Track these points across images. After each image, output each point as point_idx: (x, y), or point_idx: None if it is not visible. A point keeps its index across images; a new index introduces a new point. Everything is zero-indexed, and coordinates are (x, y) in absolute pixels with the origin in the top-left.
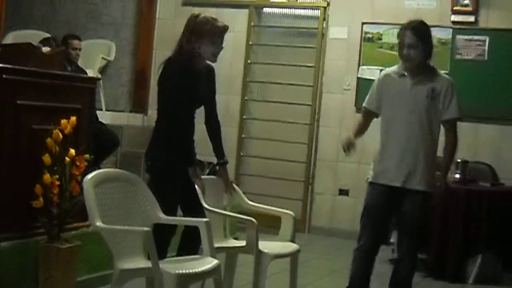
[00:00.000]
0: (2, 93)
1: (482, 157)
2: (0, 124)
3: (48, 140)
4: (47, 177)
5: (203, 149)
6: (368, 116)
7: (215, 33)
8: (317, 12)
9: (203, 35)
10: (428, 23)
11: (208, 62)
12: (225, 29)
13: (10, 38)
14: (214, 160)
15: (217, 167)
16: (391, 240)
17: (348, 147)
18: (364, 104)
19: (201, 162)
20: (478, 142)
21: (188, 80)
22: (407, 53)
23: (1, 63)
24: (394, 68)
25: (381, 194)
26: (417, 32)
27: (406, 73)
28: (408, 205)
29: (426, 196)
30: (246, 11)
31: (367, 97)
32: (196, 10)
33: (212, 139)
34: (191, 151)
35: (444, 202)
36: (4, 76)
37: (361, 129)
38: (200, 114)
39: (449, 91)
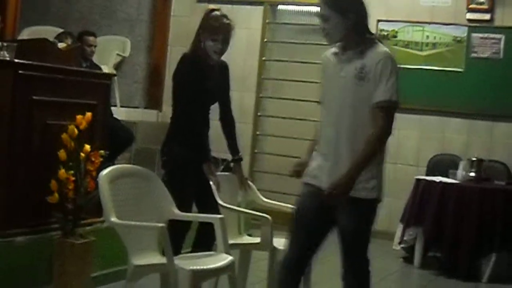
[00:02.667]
0: (18, 88)
1: (497, 156)
2: (15, 119)
3: (64, 135)
4: (62, 172)
5: (217, 146)
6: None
7: (214, 30)
8: None
9: (205, 30)
10: (443, 21)
11: (222, 60)
12: (224, 27)
13: (26, 34)
14: (228, 156)
15: (232, 164)
16: (404, 238)
17: (297, 173)
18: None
19: (215, 158)
20: (493, 140)
21: (199, 75)
22: (322, 27)
23: (18, 58)
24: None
25: (311, 197)
26: (328, 2)
27: (338, 51)
28: (341, 216)
29: (364, 204)
30: (261, 8)
31: None
32: (211, 7)
33: (226, 135)
34: (206, 147)
35: (458, 200)
36: (20, 71)
37: None
38: (214, 110)
39: (380, 66)
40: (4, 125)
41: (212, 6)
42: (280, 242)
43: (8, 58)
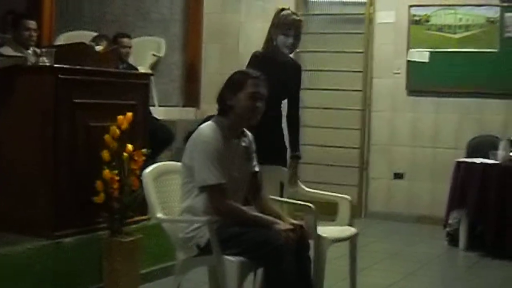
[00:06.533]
0: (59, 92)
1: None
2: (57, 123)
3: (106, 136)
4: (106, 172)
5: None
6: None
7: (285, 24)
8: None
9: (277, 27)
10: (475, 2)
11: (295, 60)
12: (295, 23)
13: (62, 39)
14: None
15: (290, 159)
16: (449, 222)
17: None
18: None
19: None
20: None
21: (265, 72)
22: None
23: (57, 63)
24: None
25: None
26: None
27: None
28: None
29: None
30: (292, 0)
31: None
32: (281, 7)
33: (290, 132)
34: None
35: (500, 180)
36: (60, 75)
37: None
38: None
39: None
40: (48, 129)
41: (280, 6)
42: (323, 231)
43: (48, 64)
